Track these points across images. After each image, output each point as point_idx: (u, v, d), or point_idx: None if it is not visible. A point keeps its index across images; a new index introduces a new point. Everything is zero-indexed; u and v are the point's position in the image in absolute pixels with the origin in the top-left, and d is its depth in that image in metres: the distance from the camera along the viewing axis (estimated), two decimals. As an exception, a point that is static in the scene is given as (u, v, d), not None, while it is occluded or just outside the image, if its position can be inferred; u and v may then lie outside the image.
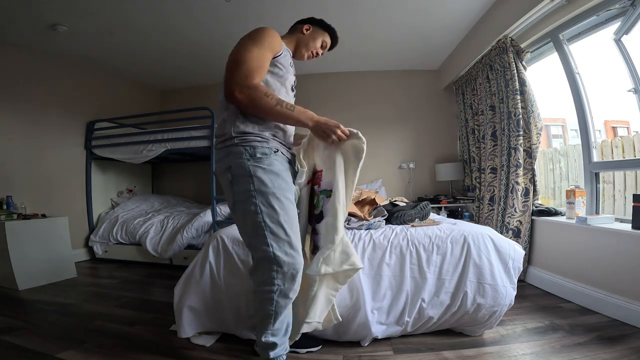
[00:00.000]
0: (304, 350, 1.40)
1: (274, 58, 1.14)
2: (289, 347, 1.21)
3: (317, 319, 1.19)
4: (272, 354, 1.13)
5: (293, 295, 1.11)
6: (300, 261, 1.10)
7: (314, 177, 1.32)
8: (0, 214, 2.41)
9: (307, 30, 1.35)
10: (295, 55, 1.36)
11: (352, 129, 1.19)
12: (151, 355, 1.40)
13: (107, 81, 3.70)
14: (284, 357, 1.16)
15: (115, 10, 2.43)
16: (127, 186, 3.91)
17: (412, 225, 1.73)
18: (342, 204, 1.15)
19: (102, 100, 3.60)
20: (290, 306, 1.15)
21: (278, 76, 1.18)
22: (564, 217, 2.15)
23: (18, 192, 2.71)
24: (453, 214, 3.35)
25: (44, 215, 2.69)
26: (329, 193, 1.21)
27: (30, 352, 1.42)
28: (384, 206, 1.91)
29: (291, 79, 1.25)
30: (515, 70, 2.33)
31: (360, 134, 1.17)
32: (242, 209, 1.10)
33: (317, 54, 1.37)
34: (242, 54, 1.06)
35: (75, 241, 3.05)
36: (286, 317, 1.15)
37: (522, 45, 2.36)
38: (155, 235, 3.04)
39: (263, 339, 1.11)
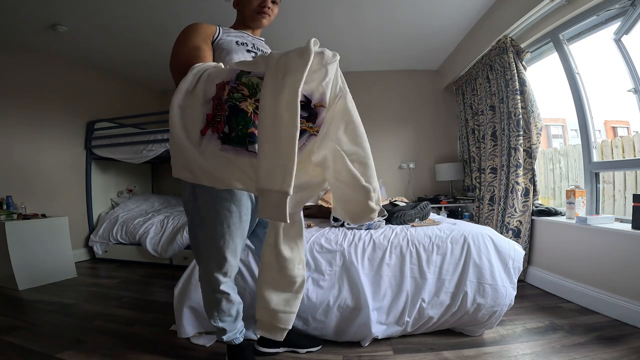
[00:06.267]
0: (304, 351, 1.40)
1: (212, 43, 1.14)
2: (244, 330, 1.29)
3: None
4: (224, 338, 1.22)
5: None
6: None
7: None
8: (0, 214, 2.41)
9: (236, 3, 1.30)
10: (249, 27, 1.28)
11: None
12: (151, 355, 1.40)
13: (107, 81, 3.70)
14: (240, 338, 1.26)
15: (115, 10, 2.42)
16: (127, 186, 3.91)
17: (412, 225, 1.73)
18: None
19: (102, 100, 3.60)
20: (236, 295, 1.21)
21: (220, 59, 1.15)
22: (564, 217, 2.15)
23: (18, 192, 2.70)
24: (453, 214, 3.35)
25: (44, 215, 2.69)
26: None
27: (30, 352, 1.42)
28: (384, 206, 1.91)
29: (238, 57, 1.16)
30: (515, 70, 2.33)
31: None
32: None
33: (264, 7, 1.22)
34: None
35: (75, 241, 3.05)
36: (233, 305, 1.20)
37: (522, 45, 2.36)
38: (155, 235, 3.04)
39: (212, 323, 1.21)
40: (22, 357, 1.38)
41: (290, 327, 0.97)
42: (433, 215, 2.21)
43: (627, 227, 1.67)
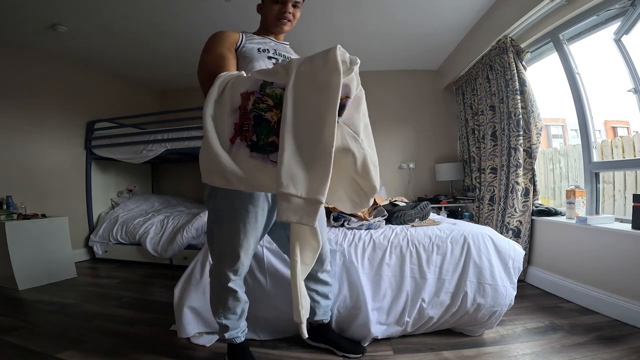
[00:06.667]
0: (341, 353, 1.38)
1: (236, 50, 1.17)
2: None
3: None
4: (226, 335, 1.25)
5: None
6: None
7: None
8: (0, 214, 2.41)
9: (260, 9, 1.32)
10: (272, 32, 1.30)
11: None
12: (151, 355, 1.40)
13: (107, 81, 3.70)
14: (242, 338, 1.27)
15: (115, 10, 2.43)
16: (127, 186, 3.91)
17: (412, 225, 1.73)
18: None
19: (102, 100, 3.60)
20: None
21: (243, 67, 1.17)
22: (564, 217, 2.15)
23: (18, 192, 2.70)
24: (453, 214, 3.35)
25: (44, 215, 2.69)
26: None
27: (30, 352, 1.42)
28: (384, 206, 1.91)
29: (259, 65, 1.18)
30: (515, 70, 2.33)
31: None
32: None
33: (284, 13, 1.22)
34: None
35: (75, 241, 3.05)
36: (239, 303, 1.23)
37: (522, 45, 2.36)
38: (155, 235, 3.04)
39: (216, 320, 1.24)
40: (22, 357, 1.38)
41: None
42: (433, 215, 2.21)
43: (627, 227, 1.67)
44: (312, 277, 1.32)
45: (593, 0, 1.81)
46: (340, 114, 0.79)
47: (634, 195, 1.67)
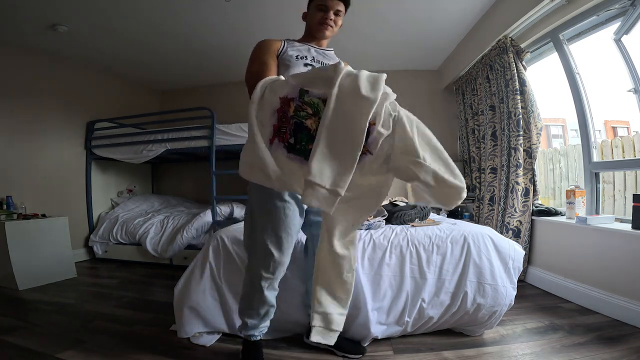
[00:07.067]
0: (341, 354, 1.38)
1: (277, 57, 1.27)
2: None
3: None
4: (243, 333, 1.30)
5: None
6: None
7: None
8: (0, 214, 2.41)
9: (305, 16, 1.40)
10: (315, 37, 1.37)
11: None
12: (151, 355, 1.40)
13: (107, 81, 3.69)
14: (259, 337, 1.32)
15: (115, 10, 2.42)
16: (127, 186, 3.91)
17: (412, 225, 1.73)
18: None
19: (102, 100, 3.60)
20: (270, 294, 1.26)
21: (281, 72, 1.25)
22: (564, 217, 2.15)
23: (18, 192, 2.70)
24: (453, 214, 3.34)
25: (44, 215, 2.69)
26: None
27: (30, 352, 1.42)
28: (384, 206, 1.91)
29: (295, 72, 1.24)
30: (515, 70, 2.33)
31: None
32: None
33: (326, 19, 1.32)
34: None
35: (75, 241, 3.05)
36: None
37: (522, 45, 2.36)
38: (155, 235, 3.04)
39: (239, 315, 1.31)
40: (22, 357, 1.38)
41: (341, 329, 1.05)
42: (433, 215, 2.21)
43: (627, 227, 1.67)
44: None
45: (593, 0, 1.81)
46: (367, 138, 0.87)
47: (634, 195, 1.67)
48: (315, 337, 1.06)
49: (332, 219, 0.99)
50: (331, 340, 1.06)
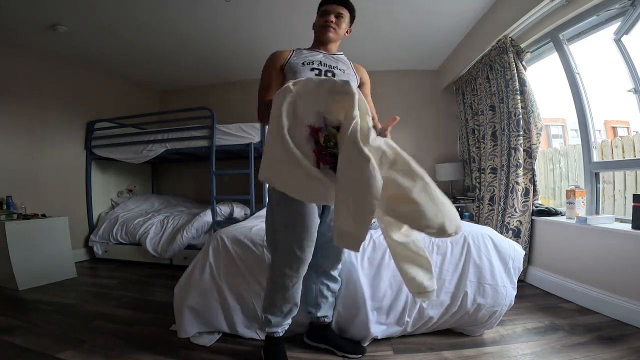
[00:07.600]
0: (341, 354, 1.38)
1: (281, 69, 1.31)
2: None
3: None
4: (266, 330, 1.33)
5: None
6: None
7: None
8: (0, 214, 2.41)
9: (314, 26, 1.44)
10: (322, 43, 1.40)
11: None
12: (151, 355, 1.40)
13: (107, 81, 3.69)
14: (281, 333, 1.33)
15: (115, 10, 2.42)
16: (127, 186, 3.91)
17: (412, 225, 1.73)
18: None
19: (102, 100, 3.60)
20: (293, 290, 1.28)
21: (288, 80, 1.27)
22: (564, 217, 2.15)
23: (18, 192, 2.70)
24: (453, 214, 3.34)
25: (44, 215, 2.69)
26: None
27: (30, 352, 1.42)
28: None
29: (301, 77, 1.25)
30: (515, 70, 2.33)
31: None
32: None
33: (327, 22, 1.36)
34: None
35: (75, 241, 3.05)
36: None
37: (522, 45, 2.36)
38: (155, 235, 3.04)
39: (262, 312, 1.33)
40: (22, 357, 1.38)
41: (435, 287, 0.98)
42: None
43: (627, 227, 1.67)
44: (324, 273, 1.38)
45: (593, 0, 1.80)
46: None
47: (634, 195, 1.67)
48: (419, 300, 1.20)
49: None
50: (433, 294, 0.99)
